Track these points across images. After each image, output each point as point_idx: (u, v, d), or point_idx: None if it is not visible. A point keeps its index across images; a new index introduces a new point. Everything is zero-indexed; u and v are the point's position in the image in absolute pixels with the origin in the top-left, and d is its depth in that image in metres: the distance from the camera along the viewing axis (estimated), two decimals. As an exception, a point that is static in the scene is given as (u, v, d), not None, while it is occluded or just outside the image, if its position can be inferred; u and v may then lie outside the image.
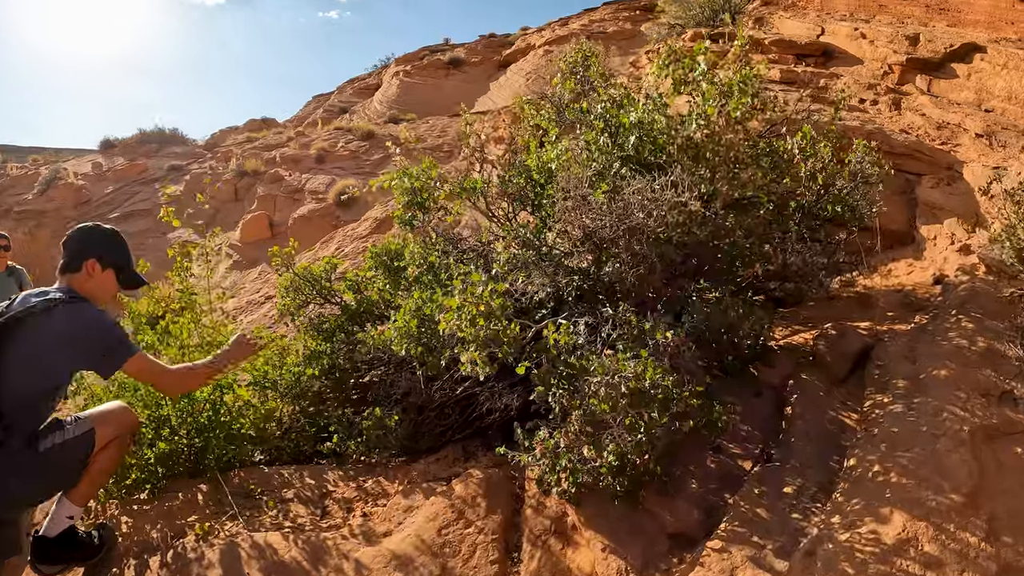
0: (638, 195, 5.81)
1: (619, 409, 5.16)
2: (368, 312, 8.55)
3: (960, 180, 9.91)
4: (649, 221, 5.72)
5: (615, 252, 5.95)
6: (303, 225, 23.89)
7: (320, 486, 6.76)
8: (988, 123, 10.17)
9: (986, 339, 6.25)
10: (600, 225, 5.88)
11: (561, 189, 6.14)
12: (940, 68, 11.84)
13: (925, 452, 5.09)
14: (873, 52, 13.06)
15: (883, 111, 11.84)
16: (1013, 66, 10.46)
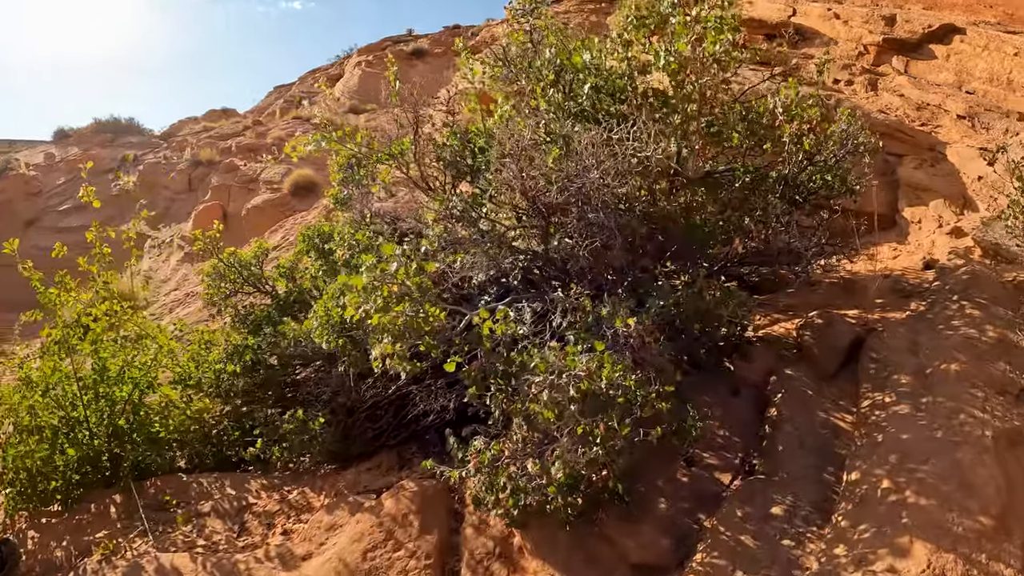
0: (592, 148, 4.64)
1: (567, 418, 4.05)
2: (300, 301, 7.72)
3: (944, 161, 9.31)
4: (607, 180, 4.56)
5: (565, 222, 4.80)
6: (257, 215, 22.93)
7: (240, 497, 6.25)
8: (970, 104, 9.62)
9: (996, 329, 5.46)
10: (546, 189, 4.70)
11: (500, 148, 4.97)
12: (918, 49, 11.27)
13: (945, 464, 4.20)
14: (848, 32, 12.43)
15: (859, 92, 11.29)
16: (994, 48, 9.91)
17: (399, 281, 4.30)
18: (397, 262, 4.40)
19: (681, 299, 4.79)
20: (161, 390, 7.05)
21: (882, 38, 11.46)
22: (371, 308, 4.34)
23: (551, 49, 5.69)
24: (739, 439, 5.45)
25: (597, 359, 4.05)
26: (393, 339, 4.32)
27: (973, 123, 9.43)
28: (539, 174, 4.70)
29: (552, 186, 4.70)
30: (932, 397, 4.78)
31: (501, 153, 4.91)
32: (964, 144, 9.14)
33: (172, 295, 17.71)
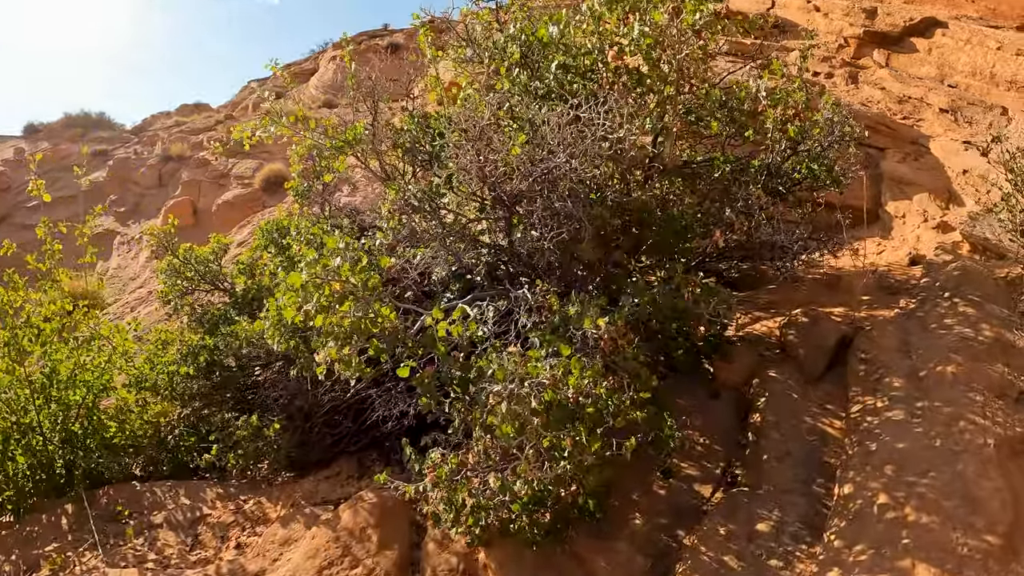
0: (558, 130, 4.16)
1: (529, 432, 3.61)
2: (259, 299, 7.29)
3: (928, 155, 9.08)
4: (573, 163, 4.10)
5: (530, 211, 4.34)
6: (228, 211, 22.46)
7: (195, 507, 5.98)
8: (953, 98, 9.47)
9: (992, 328, 5.11)
10: (507, 175, 4.23)
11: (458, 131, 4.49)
12: (899, 42, 11.06)
13: (947, 477, 3.86)
14: (828, 25, 12.19)
15: (839, 84, 10.97)
16: (977, 42, 9.76)
17: (343, 278, 3.82)
18: (341, 257, 3.91)
19: (657, 297, 4.33)
20: (116, 393, 6.77)
21: (863, 31, 11.25)
22: (312, 309, 3.87)
23: (516, 24, 5.24)
24: (720, 447, 5.08)
25: (563, 365, 3.62)
26: (338, 342, 3.84)
27: (956, 117, 9.24)
28: (499, 158, 4.23)
29: (514, 172, 4.23)
30: (928, 402, 4.43)
31: (460, 137, 4.45)
32: (948, 138, 8.93)
33: (136, 293, 17.24)
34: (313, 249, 4.34)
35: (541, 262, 4.45)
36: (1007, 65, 9.13)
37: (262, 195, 22.09)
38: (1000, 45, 9.27)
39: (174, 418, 7.13)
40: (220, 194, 23.26)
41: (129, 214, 25.56)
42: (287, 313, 3.97)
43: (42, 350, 6.42)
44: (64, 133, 35.63)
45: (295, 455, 6.19)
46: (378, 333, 3.87)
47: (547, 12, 5.60)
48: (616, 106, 4.19)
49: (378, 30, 41.86)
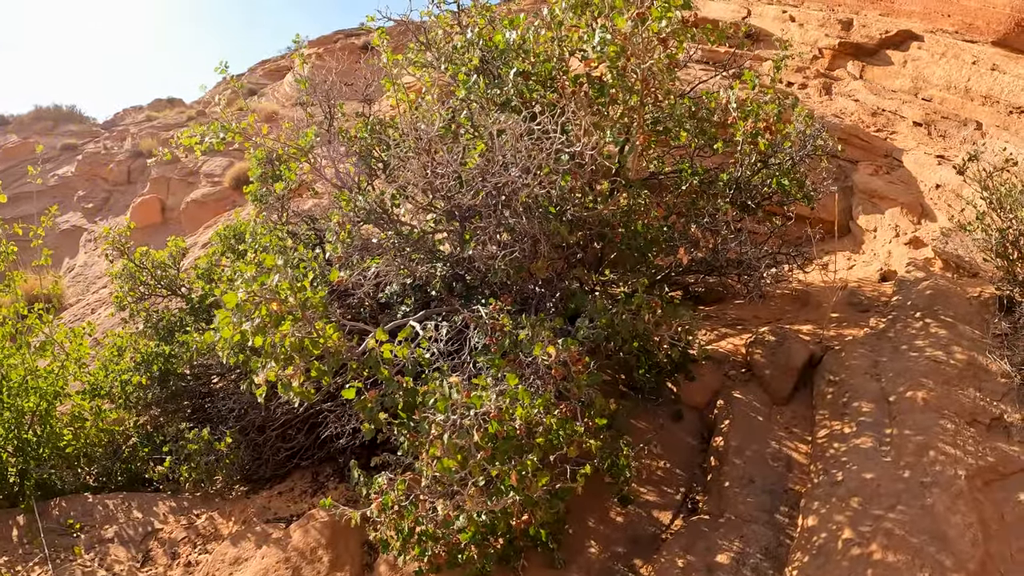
0: (511, 140, 3.92)
1: (472, 467, 3.37)
2: (215, 305, 6.95)
3: (900, 168, 9.03)
4: (527, 179, 3.86)
5: (481, 226, 4.10)
6: (196, 209, 22.20)
7: (147, 522, 5.90)
8: (927, 112, 9.41)
9: (964, 350, 4.97)
10: (455, 188, 3.99)
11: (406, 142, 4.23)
12: (874, 55, 11.02)
13: (915, 511, 3.69)
14: (803, 35, 12.10)
15: (812, 95, 10.94)
16: (952, 55, 9.68)
17: (281, 298, 3.58)
18: (279, 274, 3.65)
19: (615, 319, 4.10)
20: (71, 400, 6.68)
21: (838, 42, 11.18)
22: (250, 329, 3.62)
23: (473, 29, 5.00)
24: (681, 471, 4.89)
25: (511, 394, 3.40)
26: (279, 363, 3.60)
27: (930, 130, 9.23)
28: (449, 172, 3.98)
29: (464, 186, 3.98)
30: (898, 429, 4.27)
31: (408, 148, 4.20)
32: (922, 151, 8.91)
33: (99, 294, 16.93)
34: (253, 264, 4.07)
35: (495, 279, 4.22)
36: (982, 80, 9.08)
37: (232, 194, 21.80)
38: (976, 59, 9.24)
39: (129, 426, 6.94)
40: (189, 192, 23.01)
41: (97, 210, 25.19)
42: (224, 332, 3.72)
43: None
44: (34, 126, 35.23)
45: (249, 468, 6.07)
46: (321, 354, 3.64)
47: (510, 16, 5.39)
48: (575, 117, 3.95)
49: (355, 29, 41.74)
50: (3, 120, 37.40)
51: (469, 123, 4.51)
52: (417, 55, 5.74)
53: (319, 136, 5.51)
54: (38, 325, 6.69)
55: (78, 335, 6.79)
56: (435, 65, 5.56)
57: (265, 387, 3.73)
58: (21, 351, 6.48)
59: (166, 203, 23.41)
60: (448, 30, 5.74)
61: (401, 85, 5.76)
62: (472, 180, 3.97)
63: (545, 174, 3.84)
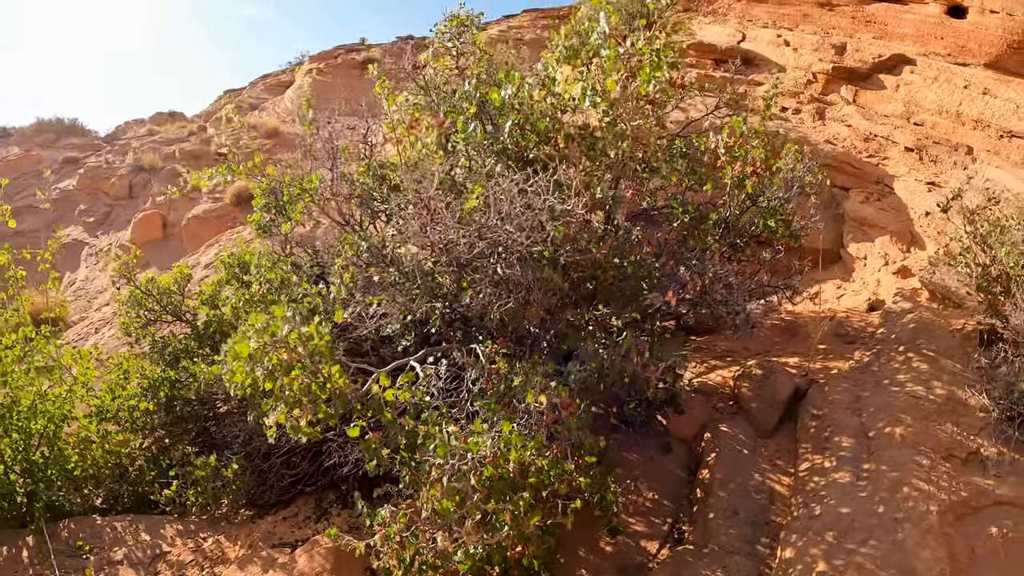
0: (507, 199, 4.21)
1: (469, 507, 3.65)
2: (220, 332, 7.22)
3: (891, 195, 9.20)
4: (520, 237, 4.16)
5: (477, 278, 4.37)
6: (198, 226, 22.21)
7: (155, 544, 5.99)
8: (918, 136, 9.58)
9: (944, 385, 5.19)
10: (453, 241, 4.28)
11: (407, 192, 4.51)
12: (867, 79, 11.21)
13: (886, 546, 3.94)
14: (797, 60, 12.32)
15: (806, 120, 11.21)
16: (944, 79, 9.89)
17: (290, 347, 3.83)
18: (288, 325, 3.93)
19: (605, 363, 4.36)
20: (78, 422, 6.77)
21: (832, 67, 11.38)
22: (261, 376, 3.88)
23: (471, 81, 5.26)
24: (669, 502, 5.16)
25: (505, 440, 3.66)
26: (287, 406, 3.86)
27: (921, 156, 9.37)
28: (448, 227, 4.25)
29: (461, 240, 4.25)
30: (875, 464, 4.51)
31: (407, 200, 4.46)
32: (912, 178, 9.06)
33: (101, 312, 17.06)
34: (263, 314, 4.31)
35: (491, 323, 4.48)
36: (973, 104, 9.25)
37: (233, 210, 21.95)
38: (967, 84, 9.41)
39: (135, 448, 7.08)
40: (190, 208, 23.09)
41: (98, 224, 25.31)
42: (237, 378, 3.98)
43: (1, 379, 6.38)
44: (35, 138, 35.39)
45: (254, 493, 6.23)
46: (328, 397, 3.90)
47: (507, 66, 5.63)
48: (566, 178, 4.20)
49: (355, 44, 41.86)
50: (5, 132, 37.59)
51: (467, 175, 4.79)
52: (416, 97, 6.00)
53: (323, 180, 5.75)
54: (46, 349, 6.80)
55: (84, 357, 6.87)
56: (434, 109, 5.82)
57: (274, 429, 3.99)
58: (30, 375, 6.58)
59: (167, 219, 23.51)
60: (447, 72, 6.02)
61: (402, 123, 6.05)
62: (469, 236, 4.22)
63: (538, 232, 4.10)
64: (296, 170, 6.55)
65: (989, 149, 8.89)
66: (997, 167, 8.47)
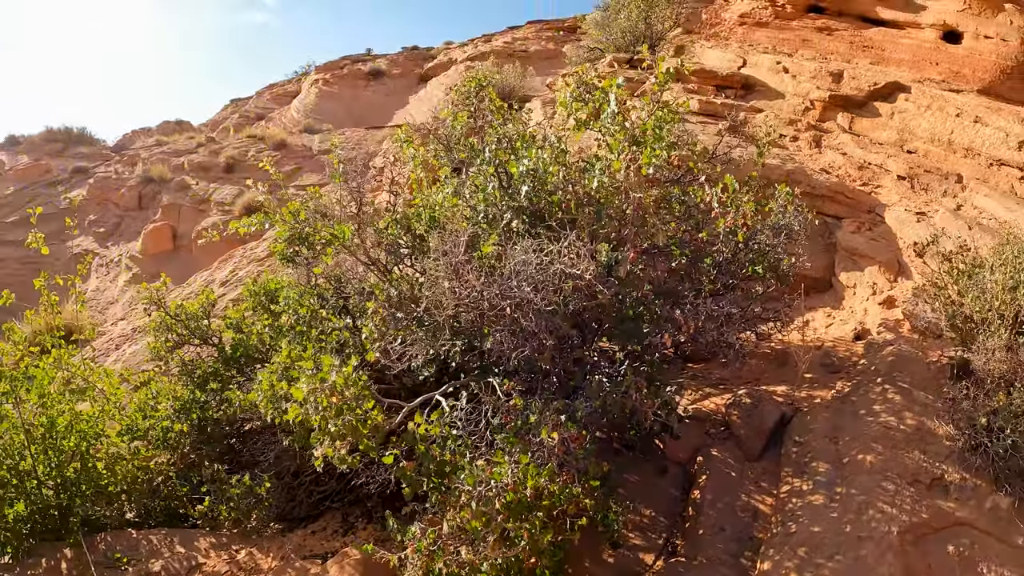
0: (524, 264, 4.99)
1: (493, 527, 4.36)
2: (247, 356, 7.79)
3: (882, 224, 9.60)
4: (536, 298, 4.94)
5: (497, 328, 5.10)
6: (207, 238, 22.26)
7: (190, 557, 6.28)
8: (911, 165, 9.99)
9: (915, 415, 5.76)
10: (478, 299, 5.04)
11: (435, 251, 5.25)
12: (863, 106, 11.62)
13: (849, 561, 4.57)
14: (795, 87, 12.70)
15: (803, 148, 11.58)
16: (937, 107, 10.28)
17: (337, 391, 4.57)
18: (335, 371, 4.68)
19: (607, 400, 5.05)
20: (109, 442, 7.13)
21: (828, 95, 11.76)
22: (312, 417, 4.62)
23: (490, 148, 5.94)
24: (664, 519, 5.78)
25: (523, 470, 4.35)
26: (333, 440, 4.60)
27: (913, 184, 9.76)
28: (473, 287, 4.97)
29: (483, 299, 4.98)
30: (846, 488, 5.09)
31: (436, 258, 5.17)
32: (902, 207, 9.43)
33: (120, 326, 17.54)
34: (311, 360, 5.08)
35: (507, 365, 5.18)
36: (965, 132, 9.66)
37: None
38: (959, 112, 9.82)
39: (163, 464, 7.48)
40: (200, 220, 23.55)
41: (108, 235, 25.84)
42: (289, 416, 4.72)
43: (39, 400, 6.68)
44: (44, 147, 35.89)
45: (284, 509, 6.71)
46: (368, 432, 4.60)
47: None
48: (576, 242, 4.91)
49: (361, 55, 42.35)
50: (14, 140, 38.10)
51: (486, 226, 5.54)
52: (437, 149, 6.70)
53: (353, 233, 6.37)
54: (80, 372, 7.23)
55: (109, 375, 7.36)
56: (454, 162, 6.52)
57: (322, 460, 4.72)
58: (65, 396, 6.96)
59: (177, 230, 24.01)
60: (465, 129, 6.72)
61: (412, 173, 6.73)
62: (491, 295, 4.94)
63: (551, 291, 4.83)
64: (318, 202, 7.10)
65: (979, 177, 9.28)
66: (986, 195, 8.88)
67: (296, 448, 6.28)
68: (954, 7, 11.39)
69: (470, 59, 36.28)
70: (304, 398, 4.74)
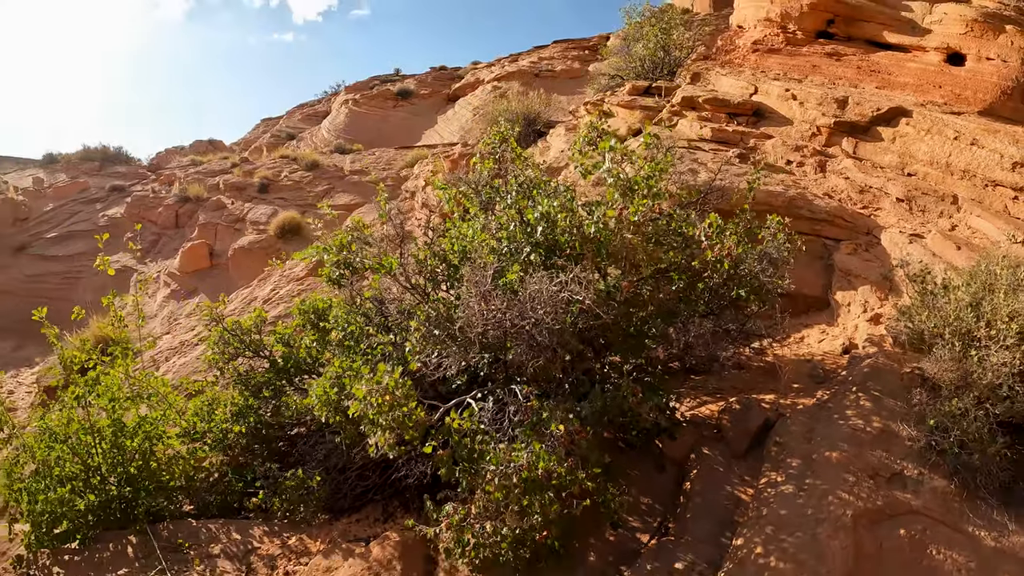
0: (538, 293, 6.21)
1: (512, 497, 5.59)
2: (296, 368, 8.84)
3: (877, 246, 10.20)
4: (547, 318, 6.12)
5: (517, 343, 6.31)
6: (243, 257, 23.99)
7: (246, 542, 7.07)
8: (909, 188, 10.56)
9: (881, 419, 6.55)
10: (502, 319, 6.27)
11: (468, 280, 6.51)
12: (867, 131, 12.20)
13: (807, 537, 5.47)
14: (803, 114, 13.38)
15: (808, 173, 12.10)
16: (936, 131, 10.87)
17: (390, 391, 5.81)
18: (387, 376, 5.94)
19: (608, 402, 6.25)
20: (170, 443, 7.93)
21: (833, 121, 12.44)
22: (369, 412, 5.89)
23: (511, 195, 7.18)
24: (660, 506, 6.78)
25: (536, 454, 5.57)
26: (384, 431, 5.84)
27: (911, 206, 10.36)
28: (499, 309, 6.20)
29: (506, 319, 6.20)
30: (813, 480, 5.93)
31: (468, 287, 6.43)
32: (897, 229, 10.03)
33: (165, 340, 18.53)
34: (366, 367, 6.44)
35: (526, 373, 6.41)
36: (962, 155, 10.28)
37: (277, 242, 23.52)
38: (958, 135, 10.40)
39: (216, 464, 8.39)
40: (236, 239, 24.61)
41: (146, 252, 27.11)
42: (351, 410, 5.99)
43: (109, 405, 7.44)
44: (81, 165, 37.19)
45: (330, 500, 7.53)
46: (412, 425, 5.82)
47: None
48: (580, 274, 6.14)
49: (389, 75, 43.42)
50: (52, 158, 39.53)
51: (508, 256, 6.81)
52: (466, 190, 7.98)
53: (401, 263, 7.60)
54: (143, 381, 8.04)
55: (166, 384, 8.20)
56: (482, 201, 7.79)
57: (375, 447, 5.93)
58: (133, 400, 7.77)
59: (214, 248, 25.11)
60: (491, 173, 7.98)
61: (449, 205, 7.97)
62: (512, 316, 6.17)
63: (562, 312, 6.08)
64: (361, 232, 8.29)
65: (974, 198, 9.88)
66: (979, 216, 9.45)
67: (344, 446, 7.34)
68: (957, 30, 12.13)
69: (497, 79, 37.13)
70: (363, 396, 5.96)
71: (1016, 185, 9.57)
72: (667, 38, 19.23)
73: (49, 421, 7.36)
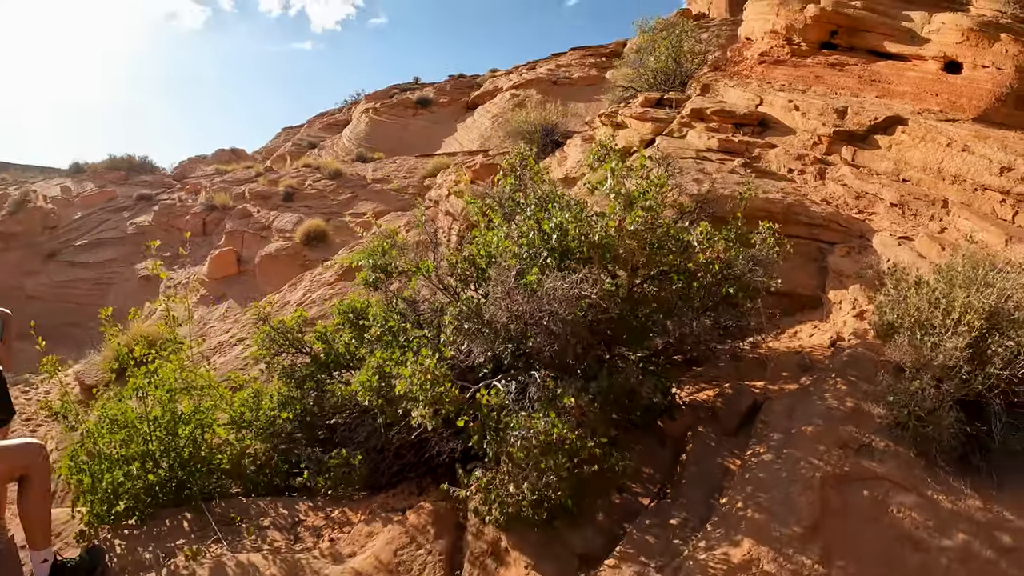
0: (553, 290, 7.34)
1: (531, 457, 6.70)
2: (335, 362, 9.87)
3: (869, 248, 10.78)
4: (560, 311, 7.23)
5: (535, 332, 7.45)
6: (270, 263, 24.94)
7: (292, 515, 7.74)
8: (902, 193, 11.20)
9: (855, 400, 7.43)
10: (523, 311, 7.41)
11: (494, 280, 7.66)
12: (865, 139, 12.70)
13: (780, 494, 6.46)
14: (805, 124, 13.99)
15: (808, 181, 12.83)
16: (930, 138, 11.54)
17: (431, 371, 6.97)
18: (428, 358, 7.11)
19: (611, 383, 7.35)
20: (218, 431, 8.81)
21: (833, 130, 13.15)
22: (413, 389, 7.03)
23: (530, 208, 8.37)
24: (659, 475, 7.80)
25: (551, 422, 6.62)
26: (424, 406, 6.98)
27: (903, 210, 11.02)
28: (518, 305, 7.34)
29: (524, 308, 7.30)
30: (790, 450, 6.85)
31: (495, 285, 7.57)
32: (888, 232, 10.69)
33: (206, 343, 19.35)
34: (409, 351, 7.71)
35: (542, 358, 7.48)
36: (953, 160, 10.85)
37: (303, 249, 24.56)
38: (950, 141, 11.01)
39: (263, 450, 9.16)
40: (262, 246, 25.73)
41: (174, 259, 28.15)
42: (397, 389, 7.15)
43: (167, 396, 8.12)
44: (107, 175, 38.03)
45: (369, 480, 8.30)
46: (448, 401, 6.98)
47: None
48: (588, 274, 7.30)
49: (409, 84, 44.16)
50: (78, 167, 40.56)
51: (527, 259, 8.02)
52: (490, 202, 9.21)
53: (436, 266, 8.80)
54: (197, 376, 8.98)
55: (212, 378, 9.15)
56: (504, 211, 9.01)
57: (416, 419, 7.06)
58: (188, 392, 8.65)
59: (241, 255, 26.21)
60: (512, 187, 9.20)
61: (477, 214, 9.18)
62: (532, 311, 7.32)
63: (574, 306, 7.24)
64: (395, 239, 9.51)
65: (963, 202, 10.36)
66: (966, 219, 10.00)
67: (382, 428, 8.32)
68: (953, 39, 12.93)
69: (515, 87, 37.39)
70: (408, 375, 7.10)
71: (1003, 188, 9.96)
72: (678, 51, 20.12)
73: (108, 410, 7.97)
